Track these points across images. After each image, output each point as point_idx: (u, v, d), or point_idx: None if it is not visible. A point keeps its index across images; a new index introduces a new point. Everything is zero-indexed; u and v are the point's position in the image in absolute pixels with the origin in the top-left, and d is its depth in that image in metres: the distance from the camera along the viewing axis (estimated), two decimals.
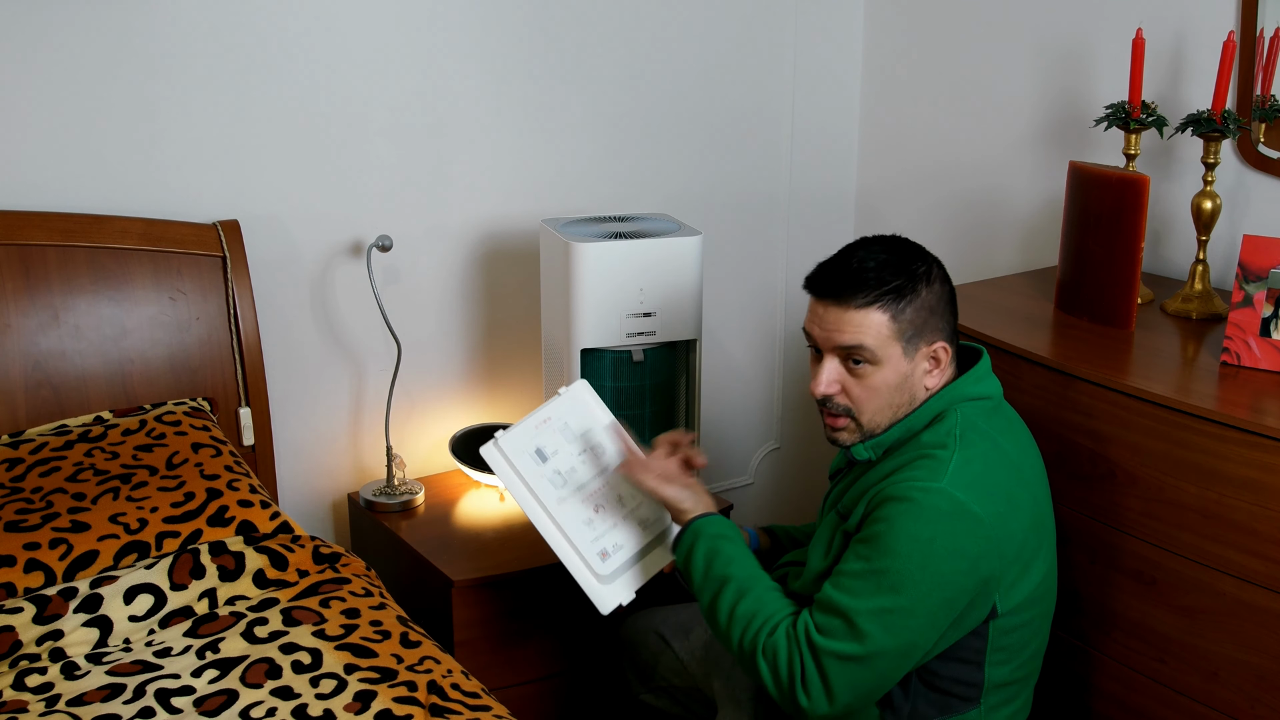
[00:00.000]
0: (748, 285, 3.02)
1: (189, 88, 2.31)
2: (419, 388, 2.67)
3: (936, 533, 1.58)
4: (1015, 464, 1.70)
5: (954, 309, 1.74)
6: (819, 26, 2.95)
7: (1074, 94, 2.52)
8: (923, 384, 1.71)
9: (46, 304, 2.18)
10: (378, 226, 2.53)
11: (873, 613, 1.58)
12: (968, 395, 1.71)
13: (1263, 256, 1.85)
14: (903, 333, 1.67)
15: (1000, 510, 1.62)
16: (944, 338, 1.71)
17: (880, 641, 1.58)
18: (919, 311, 1.67)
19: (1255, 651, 1.71)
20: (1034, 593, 1.70)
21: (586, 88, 2.71)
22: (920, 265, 1.69)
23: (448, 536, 2.39)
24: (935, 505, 1.59)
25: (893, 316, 1.66)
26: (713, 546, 1.74)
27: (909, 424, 1.71)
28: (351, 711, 1.65)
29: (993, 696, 1.73)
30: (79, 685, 1.71)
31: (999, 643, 1.69)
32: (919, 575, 1.57)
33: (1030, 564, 1.69)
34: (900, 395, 1.70)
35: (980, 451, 1.65)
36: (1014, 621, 1.69)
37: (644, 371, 2.32)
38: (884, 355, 1.67)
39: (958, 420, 1.68)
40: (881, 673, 1.62)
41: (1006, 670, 1.72)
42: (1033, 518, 1.69)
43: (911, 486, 1.60)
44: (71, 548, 1.87)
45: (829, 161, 3.05)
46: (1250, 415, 1.68)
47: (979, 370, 1.75)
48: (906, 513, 1.59)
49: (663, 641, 2.10)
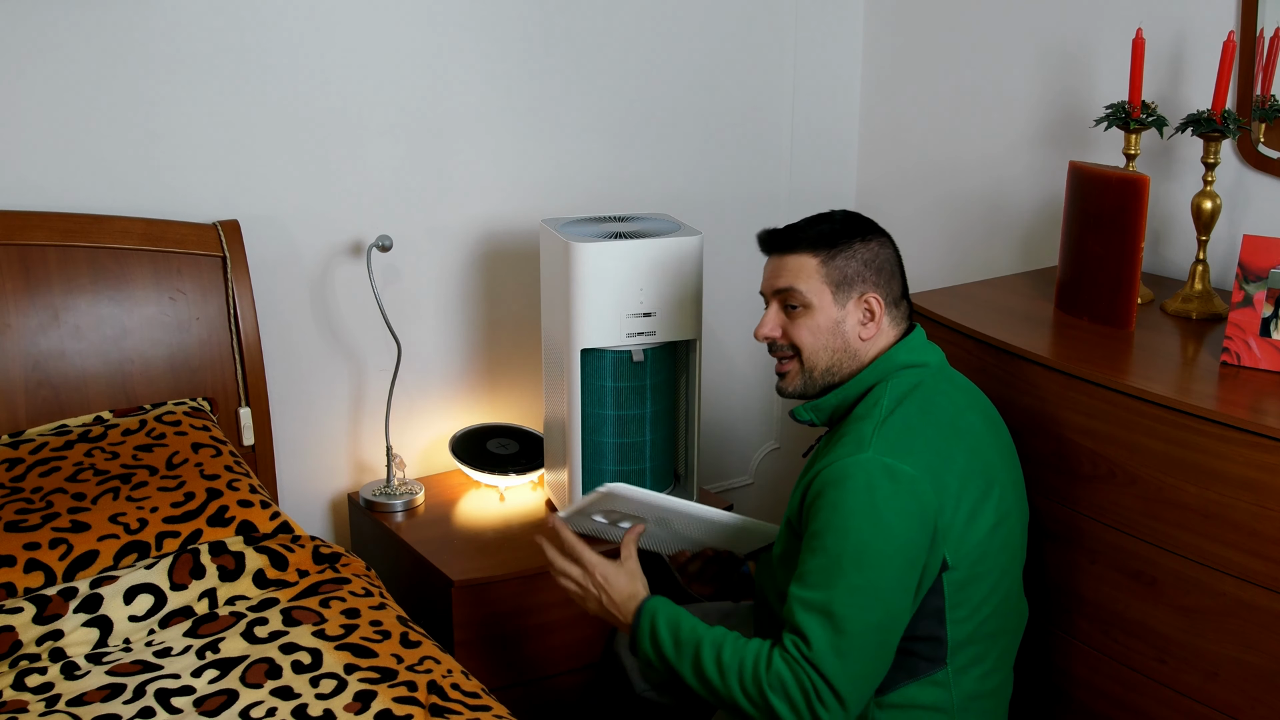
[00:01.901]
0: (748, 285, 3.01)
1: (189, 88, 2.31)
2: (419, 388, 2.67)
3: (875, 499, 1.63)
4: (946, 420, 1.74)
5: (896, 275, 1.83)
6: (819, 26, 2.95)
7: (1074, 94, 2.52)
8: (857, 334, 1.79)
9: (46, 304, 2.18)
10: (378, 226, 2.53)
11: (844, 596, 1.60)
12: (900, 364, 1.79)
13: (1263, 256, 1.85)
14: (831, 278, 1.78)
15: (930, 463, 1.67)
16: (877, 292, 1.79)
17: (861, 620, 1.60)
18: (850, 261, 1.78)
19: (1255, 651, 1.71)
20: (984, 544, 1.72)
21: (587, 87, 2.71)
22: (861, 229, 1.81)
23: (448, 536, 2.39)
24: (867, 474, 1.64)
25: (822, 261, 1.78)
26: (672, 618, 1.73)
27: (845, 392, 1.79)
28: (351, 711, 1.65)
29: (959, 656, 1.74)
30: (79, 685, 1.71)
31: (956, 598, 1.71)
32: (876, 544, 1.61)
33: (975, 514, 1.71)
34: (835, 339, 1.79)
35: (903, 415, 1.71)
36: (967, 574, 1.71)
37: (644, 371, 2.32)
38: (815, 300, 1.79)
39: (885, 391, 1.75)
40: (872, 654, 1.63)
41: (969, 628, 1.73)
42: (968, 469, 1.72)
43: (841, 466, 1.66)
44: (71, 548, 1.87)
45: (829, 161, 3.05)
46: (1250, 415, 1.68)
47: (912, 340, 1.82)
48: (843, 490, 1.64)
49: None
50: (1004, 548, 1.77)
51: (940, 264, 2.86)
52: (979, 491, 1.72)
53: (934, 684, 1.73)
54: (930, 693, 1.73)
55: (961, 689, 1.74)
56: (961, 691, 1.74)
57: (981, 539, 1.72)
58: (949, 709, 1.74)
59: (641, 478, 2.37)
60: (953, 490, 1.68)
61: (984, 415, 1.83)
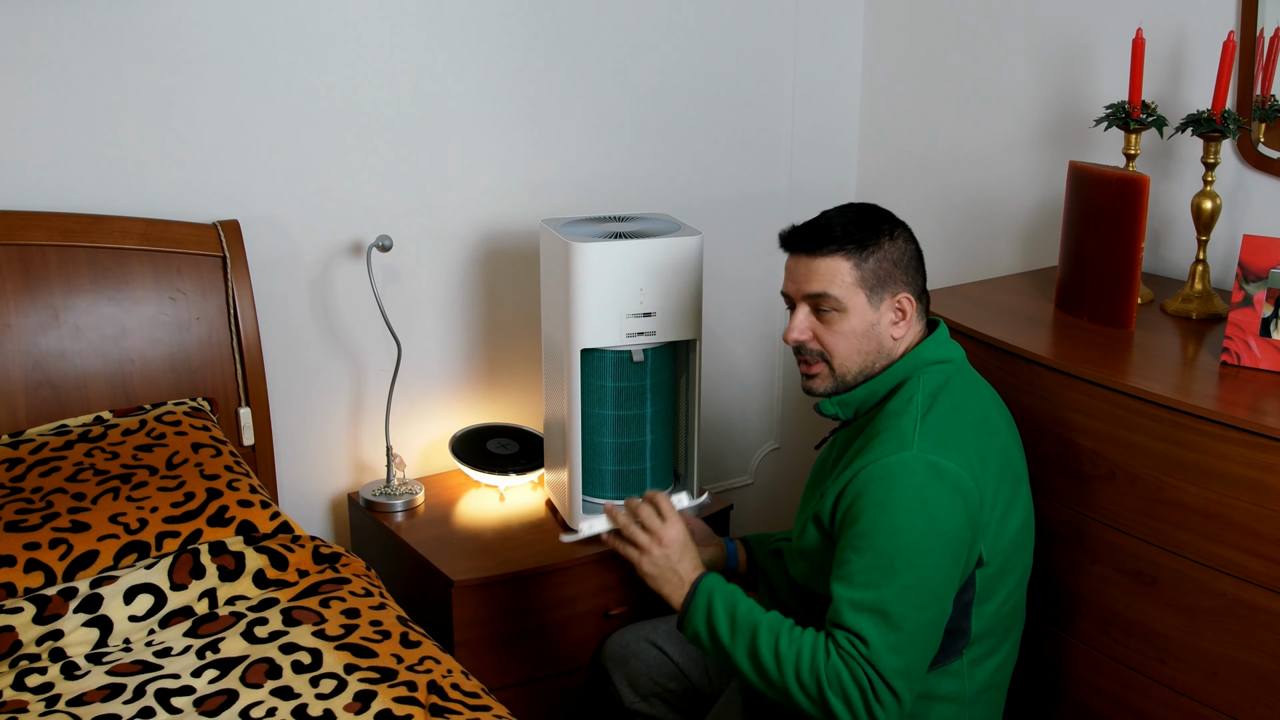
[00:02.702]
0: (748, 285, 3.01)
1: (189, 88, 2.31)
2: (419, 388, 2.67)
3: (925, 498, 1.63)
4: (978, 419, 1.76)
5: (920, 270, 1.82)
6: (819, 26, 2.95)
7: (1074, 94, 2.52)
8: (889, 334, 1.78)
9: (46, 304, 2.18)
10: (378, 226, 2.53)
11: (899, 595, 1.61)
12: (928, 360, 1.79)
13: (1263, 256, 1.85)
14: (866, 281, 1.75)
15: (970, 461, 1.68)
16: (908, 290, 1.78)
17: (915, 619, 1.62)
18: (881, 263, 1.76)
19: (1255, 651, 1.71)
20: (1015, 541, 1.76)
21: (587, 87, 2.71)
22: (885, 225, 1.79)
23: (448, 536, 2.39)
24: (913, 472, 1.64)
25: (855, 264, 1.75)
26: (729, 597, 1.73)
27: (874, 387, 1.78)
28: (351, 711, 1.65)
29: (975, 648, 1.77)
30: (79, 685, 1.71)
31: (985, 593, 1.74)
32: (926, 543, 1.62)
33: (1007, 513, 1.74)
34: (868, 343, 1.77)
35: (940, 412, 1.71)
36: (997, 570, 1.74)
37: (644, 371, 2.32)
38: (850, 303, 1.75)
39: (918, 386, 1.75)
40: (923, 650, 1.66)
41: (990, 621, 1.76)
42: (1002, 467, 1.75)
43: (885, 464, 1.65)
44: (71, 548, 1.87)
45: (829, 161, 3.05)
46: (1250, 415, 1.68)
47: (938, 337, 1.82)
48: (891, 489, 1.64)
49: (656, 649, 2.13)
50: (1027, 544, 1.82)
51: (940, 264, 2.86)
52: (1010, 489, 1.75)
53: (950, 674, 1.76)
54: (946, 683, 1.76)
55: (975, 680, 1.77)
56: (975, 683, 1.77)
57: (1014, 536, 1.75)
58: (962, 699, 1.77)
59: (641, 478, 2.37)
60: (990, 487, 1.71)
61: (1003, 414, 1.86)
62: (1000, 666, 1.82)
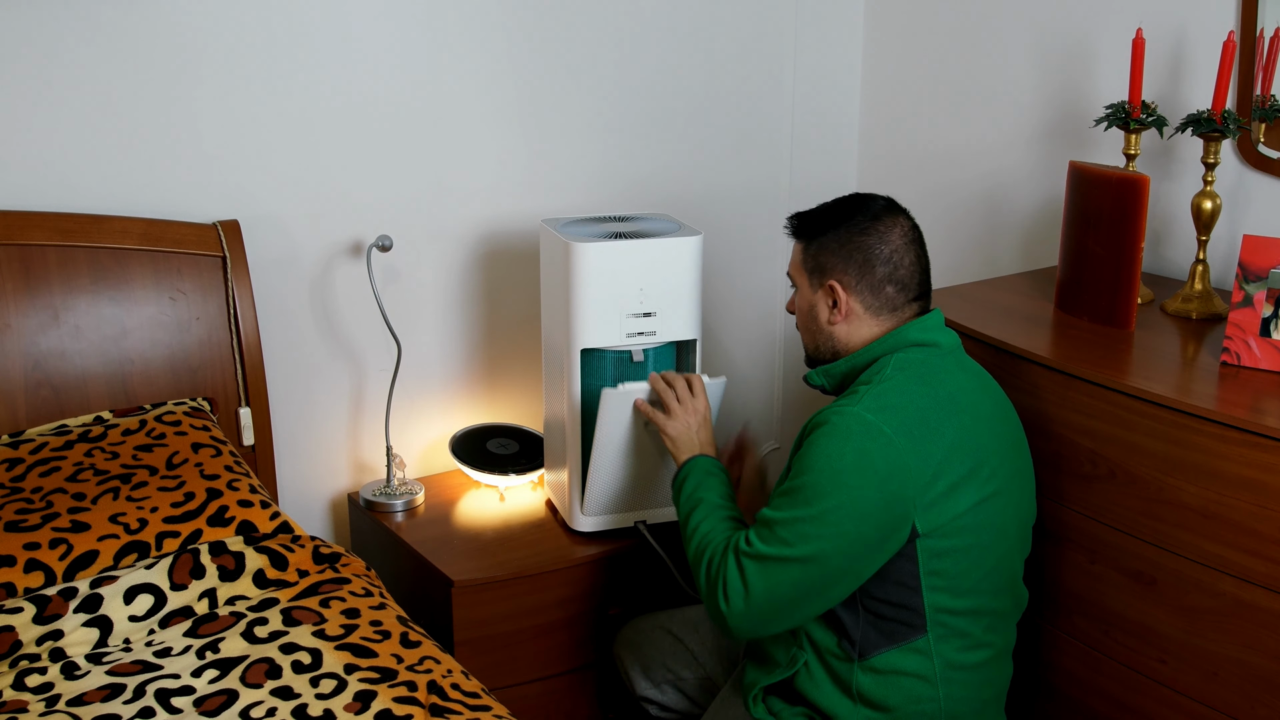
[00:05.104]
0: (748, 285, 3.02)
1: (189, 88, 2.31)
2: (419, 388, 2.67)
3: (846, 449, 1.71)
4: (945, 395, 1.79)
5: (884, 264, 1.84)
6: (819, 26, 2.95)
7: (1074, 93, 2.52)
8: (826, 318, 1.88)
9: (46, 304, 2.18)
10: (378, 226, 2.53)
11: (788, 521, 1.73)
12: (909, 340, 1.84)
13: (1263, 256, 1.85)
14: (808, 264, 1.89)
15: (913, 431, 1.73)
16: (842, 278, 1.85)
17: (794, 549, 1.72)
18: (824, 249, 1.87)
19: (1255, 651, 1.71)
20: (964, 519, 1.76)
21: (587, 87, 2.71)
22: (860, 216, 1.87)
23: (448, 536, 2.39)
24: (847, 425, 1.73)
25: (804, 247, 1.91)
26: (709, 472, 1.96)
27: (853, 360, 1.86)
28: (351, 711, 1.65)
29: (939, 627, 1.78)
30: (79, 685, 1.71)
31: (931, 566, 1.75)
32: (828, 486, 1.71)
33: (956, 488, 1.75)
34: (811, 322, 1.91)
35: (899, 383, 1.78)
36: (943, 545, 1.75)
37: (644, 371, 2.32)
38: (798, 281, 1.92)
39: (889, 361, 1.81)
40: (795, 581, 1.73)
41: (947, 597, 1.77)
42: (957, 442, 1.76)
43: (830, 413, 1.76)
44: (71, 548, 1.87)
45: (829, 162, 3.05)
46: (1250, 415, 1.68)
47: (926, 320, 1.86)
48: (823, 434, 1.74)
49: (673, 637, 2.16)
50: (988, 527, 1.79)
51: (940, 263, 2.85)
52: (965, 467, 1.76)
53: (915, 651, 1.78)
54: (913, 660, 1.78)
55: (942, 657, 1.79)
56: (942, 660, 1.79)
57: (961, 513, 1.75)
58: (931, 677, 1.79)
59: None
60: (934, 459, 1.73)
61: (994, 401, 1.87)
62: (971, 648, 1.81)
